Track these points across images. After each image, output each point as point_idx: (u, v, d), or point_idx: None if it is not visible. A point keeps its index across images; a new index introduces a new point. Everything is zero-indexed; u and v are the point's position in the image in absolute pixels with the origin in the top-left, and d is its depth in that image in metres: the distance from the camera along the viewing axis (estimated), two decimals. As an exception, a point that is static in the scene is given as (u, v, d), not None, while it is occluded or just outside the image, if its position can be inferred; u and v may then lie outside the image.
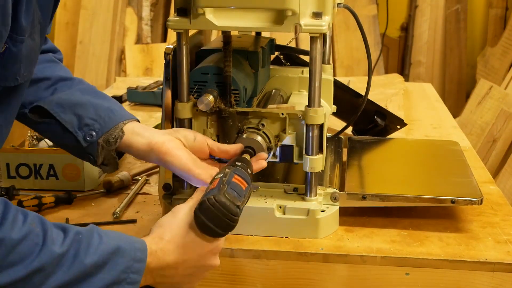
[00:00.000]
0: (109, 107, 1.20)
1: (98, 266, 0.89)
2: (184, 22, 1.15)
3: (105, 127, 1.17)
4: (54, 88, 1.21)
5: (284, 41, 1.59)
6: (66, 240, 0.88)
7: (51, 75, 1.23)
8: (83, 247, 0.89)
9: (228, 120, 1.21)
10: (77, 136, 1.17)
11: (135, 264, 0.92)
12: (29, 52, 0.96)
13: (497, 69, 3.72)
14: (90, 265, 0.88)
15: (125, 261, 0.91)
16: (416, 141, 1.70)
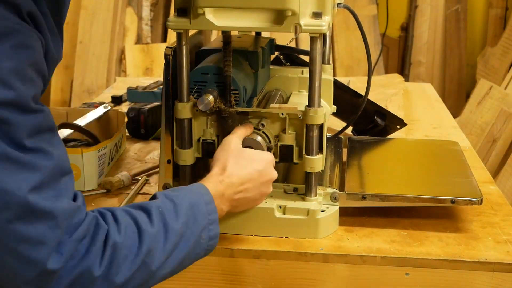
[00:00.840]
0: None
1: (184, 225, 1.00)
2: (184, 22, 1.15)
3: None
4: None
5: (284, 41, 1.59)
6: (153, 218, 0.97)
7: None
8: (168, 216, 0.99)
9: (228, 120, 1.21)
10: None
11: (208, 207, 1.05)
12: None
13: (497, 69, 3.72)
14: (179, 227, 0.99)
15: (201, 210, 1.04)
16: (416, 141, 1.70)
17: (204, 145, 1.24)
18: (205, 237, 1.03)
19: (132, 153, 1.68)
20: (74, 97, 3.75)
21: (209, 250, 1.06)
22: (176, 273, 1.02)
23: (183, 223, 1.00)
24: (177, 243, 0.98)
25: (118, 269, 0.91)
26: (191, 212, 1.02)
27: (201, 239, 1.03)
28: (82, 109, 1.79)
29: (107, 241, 0.90)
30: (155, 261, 0.95)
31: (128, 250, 0.92)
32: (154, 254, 0.95)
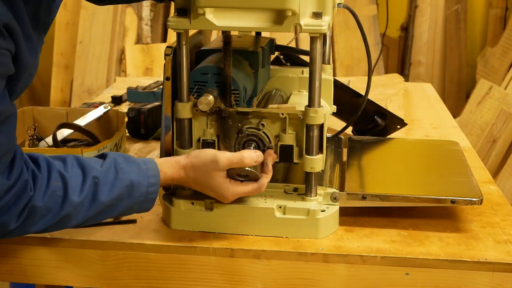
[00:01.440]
0: None
1: (114, 199, 1.10)
2: (184, 22, 1.15)
3: None
4: None
5: (284, 41, 1.59)
6: (84, 187, 1.07)
7: None
8: (100, 188, 1.08)
9: (228, 120, 1.21)
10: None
11: (150, 189, 1.12)
12: (26, 82, 1.07)
13: (497, 69, 3.72)
14: (108, 201, 1.09)
15: (139, 190, 1.11)
16: (416, 141, 1.70)
17: (204, 145, 1.24)
18: (136, 208, 1.13)
19: (132, 153, 1.68)
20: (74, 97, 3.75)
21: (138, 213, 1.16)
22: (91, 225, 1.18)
23: (113, 198, 1.09)
24: (102, 212, 1.10)
25: (33, 223, 1.06)
26: (127, 190, 1.10)
27: (130, 210, 1.14)
28: (82, 109, 1.79)
29: (27, 205, 1.03)
30: (72, 222, 1.08)
31: (47, 211, 1.05)
32: (72, 218, 1.08)
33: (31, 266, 1.23)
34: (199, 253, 1.18)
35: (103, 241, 1.21)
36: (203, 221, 1.22)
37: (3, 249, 1.22)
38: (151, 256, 1.19)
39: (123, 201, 1.11)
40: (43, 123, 1.70)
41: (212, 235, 1.22)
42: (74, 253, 1.21)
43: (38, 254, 1.22)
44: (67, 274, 1.22)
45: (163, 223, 1.26)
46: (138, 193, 1.12)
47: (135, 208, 1.14)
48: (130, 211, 1.14)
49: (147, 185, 1.12)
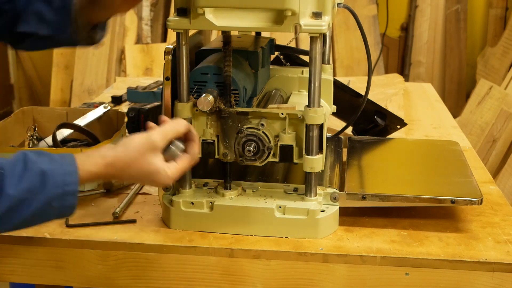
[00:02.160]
0: None
1: (26, 191, 0.98)
2: (184, 22, 1.15)
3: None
4: None
5: (284, 41, 1.59)
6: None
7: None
8: (7, 180, 0.97)
9: (228, 120, 1.21)
10: None
11: (67, 178, 1.01)
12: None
13: (497, 69, 3.72)
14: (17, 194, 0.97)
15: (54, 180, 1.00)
16: (416, 141, 1.70)
17: (204, 145, 1.24)
18: (56, 206, 1.02)
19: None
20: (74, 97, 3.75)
21: (63, 216, 1.06)
22: (16, 229, 1.04)
23: (24, 189, 0.98)
24: (13, 209, 0.98)
25: None
26: (39, 179, 0.99)
27: (49, 208, 1.01)
28: (82, 109, 1.79)
29: None
30: None
31: None
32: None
33: (31, 266, 1.23)
34: (198, 253, 1.18)
35: (103, 241, 1.21)
36: (203, 221, 1.22)
37: (3, 249, 1.22)
38: (151, 256, 1.19)
39: (38, 194, 0.99)
40: (43, 123, 1.70)
41: (212, 235, 1.22)
42: (74, 253, 1.21)
43: (38, 254, 1.22)
44: (67, 274, 1.22)
45: (163, 223, 1.26)
46: (53, 183, 1.00)
47: (56, 205, 1.02)
48: (50, 209, 1.02)
49: (63, 174, 1.01)
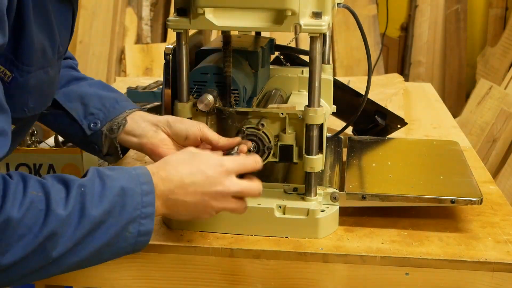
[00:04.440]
0: (115, 98, 1.25)
1: (107, 213, 0.89)
2: (184, 22, 1.15)
3: (109, 116, 1.21)
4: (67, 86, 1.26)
5: (284, 41, 1.59)
6: (70, 199, 0.87)
7: (66, 75, 1.28)
8: (88, 199, 0.88)
9: (228, 120, 1.21)
10: (82, 124, 1.21)
11: (144, 198, 0.93)
12: (40, 85, 0.97)
13: (497, 69, 3.72)
14: (99, 215, 0.88)
15: (133, 200, 0.92)
16: (416, 141, 1.70)
17: (204, 145, 1.24)
18: (133, 231, 0.92)
19: (132, 153, 1.68)
20: (74, 97, 3.74)
21: (137, 247, 0.95)
22: (90, 264, 0.93)
23: (105, 210, 0.89)
24: (92, 231, 0.88)
25: (7, 247, 0.82)
26: (120, 199, 0.91)
27: (127, 232, 0.92)
28: (82, 109, 1.78)
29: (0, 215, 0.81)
30: (58, 247, 0.85)
31: (26, 228, 0.83)
32: (57, 239, 0.85)
33: (31, 266, 1.23)
34: (199, 253, 1.18)
35: (103, 241, 1.20)
36: (203, 221, 1.22)
37: (3, 249, 1.22)
38: (151, 256, 1.19)
39: (115, 217, 0.90)
40: (43, 123, 1.70)
41: (212, 235, 1.21)
42: (74, 253, 1.21)
43: (38, 254, 1.22)
44: (67, 274, 1.22)
45: (163, 223, 1.26)
46: (133, 205, 0.92)
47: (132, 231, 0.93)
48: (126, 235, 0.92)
49: (141, 194, 0.93)
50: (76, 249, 0.88)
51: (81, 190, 0.88)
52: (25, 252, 0.83)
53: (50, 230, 0.84)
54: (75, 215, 0.87)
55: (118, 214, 0.90)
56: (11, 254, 0.82)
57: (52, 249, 0.85)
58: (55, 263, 0.87)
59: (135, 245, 0.94)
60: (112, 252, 0.93)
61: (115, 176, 0.93)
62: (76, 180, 0.90)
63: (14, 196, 0.83)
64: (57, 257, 0.86)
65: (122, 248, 0.93)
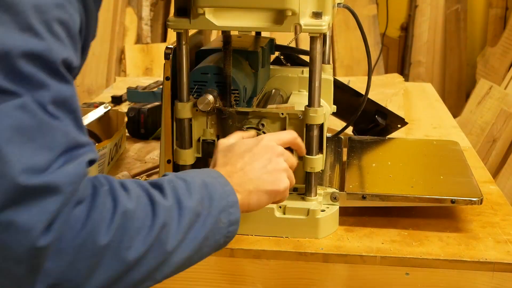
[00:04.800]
0: None
1: (199, 203, 0.89)
2: (184, 22, 1.15)
3: None
4: None
5: (284, 41, 1.59)
6: (166, 192, 0.86)
7: None
8: (181, 193, 0.88)
9: (228, 120, 1.21)
10: None
11: (225, 188, 0.94)
12: None
13: (497, 69, 3.72)
14: (194, 206, 0.88)
15: (216, 190, 0.92)
16: (416, 141, 1.70)
17: (204, 145, 1.24)
18: (225, 220, 0.92)
19: (132, 153, 1.68)
20: (74, 97, 3.74)
21: (229, 238, 0.94)
22: (193, 262, 0.91)
23: (198, 200, 0.88)
24: (193, 222, 0.87)
25: (130, 242, 0.78)
26: (205, 191, 0.91)
27: (220, 223, 0.91)
28: (82, 109, 1.78)
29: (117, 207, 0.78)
30: (170, 239, 0.83)
31: (141, 221, 0.80)
32: (169, 230, 0.83)
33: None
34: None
35: (103, 241, 1.20)
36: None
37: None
38: (151, 256, 1.19)
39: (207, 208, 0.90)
40: (43, 123, 1.70)
41: (212, 235, 1.21)
42: (74, 253, 1.21)
43: (38, 254, 1.22)
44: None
45: (163, 223, 1.26)
46: (217, 194, 0.92)
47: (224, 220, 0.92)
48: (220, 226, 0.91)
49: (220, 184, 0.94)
50: (184, 242, 0.86)
51: (172, 185, 0.88)
52: (146, 246, 0.80)
53: (161, 221, 0.82)
54: (175, 206, 0.86)
55: (208, 206, 0.90)
56: (135, 249, 0.79)
57: (166, 242, 0.83)
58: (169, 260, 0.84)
59: (227, 236, 0.93)
60: (211, 246, 0.91)
61: (191, 174, 0.94)
62: (163, 179, 0.89)
63: (121, 190, 0.81)
64: (171, 251, 0.84)
65: (217, 240, 0.92)
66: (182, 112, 1.22)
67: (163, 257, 0.83)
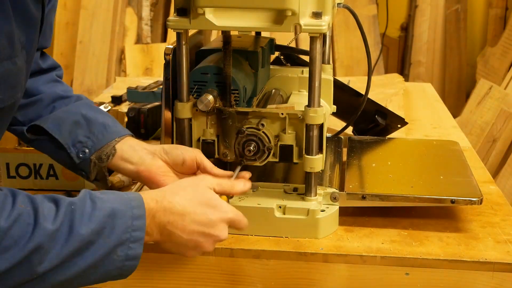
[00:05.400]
0: (103, 123, 1.22)
1: (95, 233, 0.89)
2: (184, 22, 1.15)
3: (98, 144, 1.19)
4: (52, 106, 1.24)
5: (284, 41, 1.59)
6: (59, 214, 0.88)
7: (51, 94, 1.25)
8: (77, 218, 0.89)
9: (228, 120, 1.21)
10: (70, 153, 1.19)
11: (135, 222, 0.93)
12: (8, 76, 0.95)
13: (497, 69, 3.72)
14: (88, 234, 0.89)
15: (123, 222, 0.92)
16: (416, 141, 1.70)
17: (204, 145, 1.24)
18: (121, 254, 0.92)
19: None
20: (74, 97, 3.74)
21: (124, 271, 0.94)
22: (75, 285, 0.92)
23: (94, 230, 0.89)
24: (80, 250, 0.88)
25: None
26: (110, 221, 0.91)
27: (115, 255, 0.92)
28: (82, 109, 1.78)
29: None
30: (44, 263, 0.85)
31: (12, 240, 0.83)
32: (44, 254, 0.85)
33: (31, 266, 1.22)
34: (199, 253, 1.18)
35: (103, 241, 1.20)
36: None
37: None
38: (151, 256, 1.19)
39: (104, 238, 0.90)
40: (43, 123, 1.70)
41: (212, 235, 1.21)
42: (74, 253, 1.21)
43: (38, 254, 1.22)
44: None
45: (163, 223, 1.26)
46: (122, 227, 0.92)
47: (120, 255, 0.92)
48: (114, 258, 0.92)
49: (132, 217, 0.93)
50: (63, 267, 0.88)
51: (71, 208, 0.89)
52: (10, 264, 0.83)
53: (36, 243, 0.84)
54: (63, 231, 0.87)
55: (107, 236, 0.91)
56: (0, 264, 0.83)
57: (38, 264, 0.85)
58: (40, 279, 0.87)
59: (122, 269, 0.94)
60: (98, 274, 0.92)
61: (106, 199, 0.94)
62: (66, 199, 0.91)
63: (2, 207, 0.84)
64: (43, 273, 0.86)
65: (108, 271, 0.93)
66: (182, 112, 1.22)
67: (32, 276, 0.85)
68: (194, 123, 1.23)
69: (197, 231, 1.01)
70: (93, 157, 1.19)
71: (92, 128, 1.20)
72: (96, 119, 1.22)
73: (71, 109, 1.23)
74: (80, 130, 1.20)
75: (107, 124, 1.22)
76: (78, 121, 1.20)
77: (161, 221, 0.98)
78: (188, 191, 1.02)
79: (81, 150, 1.18)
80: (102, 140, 1.19)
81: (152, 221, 0.97)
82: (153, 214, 0.97)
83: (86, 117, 1.21)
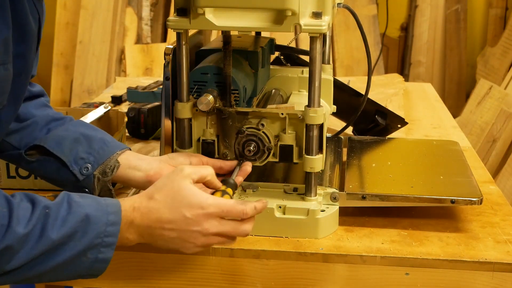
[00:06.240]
0: (102, 138, 1.23)
1: (67, 236, 0.93)
2: (184, 22, 1.15)
3: (100, 159, 1.20)
4: (47, 128, 1.24)
5: (284, 41, 1.59)
6: (33, 218, 0.91)
7: (44, 117, 1.27)
8: (50, 222, 0.92)
9: (228, 120, 1.21)
10: (73, 170, 1.19)
11: (109, 228, 0.96)
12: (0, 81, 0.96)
13: (497, 69, 3.72)
14: (58, 238, 0.92)
15: (97, 228, 0.95)
16: (416, 141, 1.70)
17: (204, 145, 1.24)
18: (91, 257, 0.96)
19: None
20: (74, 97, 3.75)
21: (94, 272, 0.98)
22: (47, 280, 0.97)
23: (65, 235, 0.93)
24: (48, 252, 0.92)
25: None
26: (82, 225, 0.94)
27: (84, 257, 0.95)
28: (82, 109, 1.78)
29: None
30: (11, 262, 0.91)
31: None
32: (12, 254, 0.90)
33: (31, 266, 1.22)
34: (199, 253, 1.18)
35: (103, 241, 1.20)
36: None
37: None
38: (151, 256, 1.19)
39: (75, 241, 0.94)
40: (43, 123, 1.70)
41: (212, 235, 1.21)
42: (74, 253, 1.21)
43: (38, 254, 1.22)
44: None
45: (163, 223, 1.26)
46: (95, 232, 0.95)
47: (90, 256, 0.96)
48: (83, 260, 0.96)
49: (106, 223, 0.96)
50: (31, 265, 0.92)
51: (45, 212, 0.92)
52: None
53: (6, 245, 0.89)
54: (34, 234, 0.91)
55: (78, 239, 0.94)
56: None
57: (6, 263, 0.90)
58: (7, 275, 0.92)
59: (91, 270, 0.97)
60: (67, 273, 0.96)
61: (83, 203, 0.96)
62: (43, 201, 0.94)
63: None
64: (10, 270, 0.91)
65: (77, 271, 0.97)
66: (182, 112, 1.22)
67: None
68: (194, 123, 1.23)
69: (177, 229, 1.01)
70: (96, 172, 1.19)
71: (92, 144, 1.21)
72: (95, 136, 1.23)
73: (69, 127, 1.24)
74: (81, 147, 1.20)
75: (106, 139, 1.23)
76: (78, 138, 1.21)
77: (140, 225, 1.01)
78: (164, 192, 1.02)
79: (84, 167, 1.19)
80: (103, 155, 1.20)
81: (130, 227, 1.00)
82: (131, 220, 1.00)
83: (84, 135, 1.22)
